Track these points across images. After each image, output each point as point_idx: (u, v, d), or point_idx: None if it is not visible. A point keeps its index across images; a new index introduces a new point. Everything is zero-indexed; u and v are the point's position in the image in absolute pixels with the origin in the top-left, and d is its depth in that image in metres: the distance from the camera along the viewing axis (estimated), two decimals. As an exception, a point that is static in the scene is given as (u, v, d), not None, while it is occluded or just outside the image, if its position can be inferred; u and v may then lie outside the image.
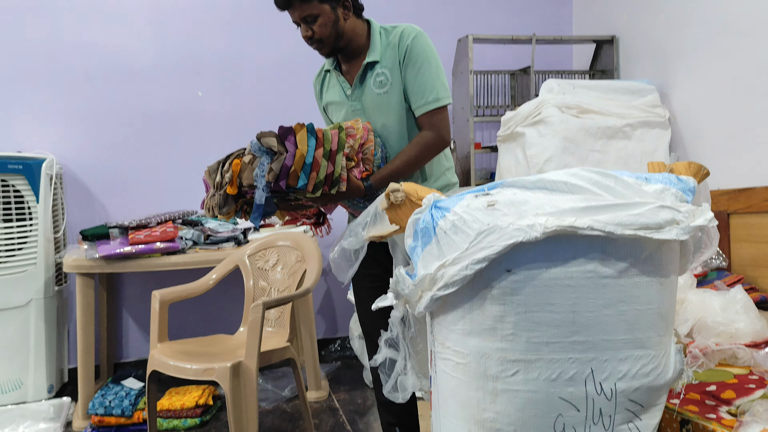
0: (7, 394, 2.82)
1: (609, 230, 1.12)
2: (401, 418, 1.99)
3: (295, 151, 1.57)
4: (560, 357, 1.15)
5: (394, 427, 2.01)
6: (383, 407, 2.01)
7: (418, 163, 1.77)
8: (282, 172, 1.57)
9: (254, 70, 3.39)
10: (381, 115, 1.80)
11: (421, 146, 1.76)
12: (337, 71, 1.88)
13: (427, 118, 1.77)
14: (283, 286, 2.57)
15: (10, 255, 2.78)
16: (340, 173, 1.63)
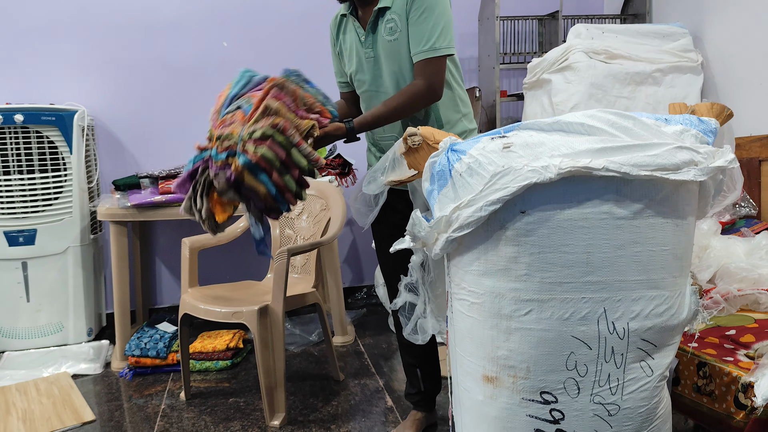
0: (50, 336, 2.97)
1: (624, 171, 1.12)
2: (422, 360, 2.05)
3: (257, 194, 1.47)
4: (573, 297, 1.17)
5: (414, 368, 2.07)
6: (404, 349, 2.07)
7: (403, 111, 1.72)
8: (264, 211, 1.53)
9: (278, 19, 3.38)
10: (393, 63, 1.79)
11: (408, 95, 1.71)
12: (353, 16, 1.86)
13: (420, 67, 1.72)
14: (308, 233, 2.62)
15: (47, 204, 2.88)
16: (307, 165, 1.50)
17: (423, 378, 2.06)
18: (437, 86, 1.73)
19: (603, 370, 1.20)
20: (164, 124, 3.29)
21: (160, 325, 2.92)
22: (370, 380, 2.55)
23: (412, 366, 2.07)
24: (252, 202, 1.49)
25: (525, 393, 1.22)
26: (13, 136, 2.80)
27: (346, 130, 1.68)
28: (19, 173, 2.83)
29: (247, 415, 2.29)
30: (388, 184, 1.39)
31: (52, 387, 2.58)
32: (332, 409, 2.31)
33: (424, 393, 2.08)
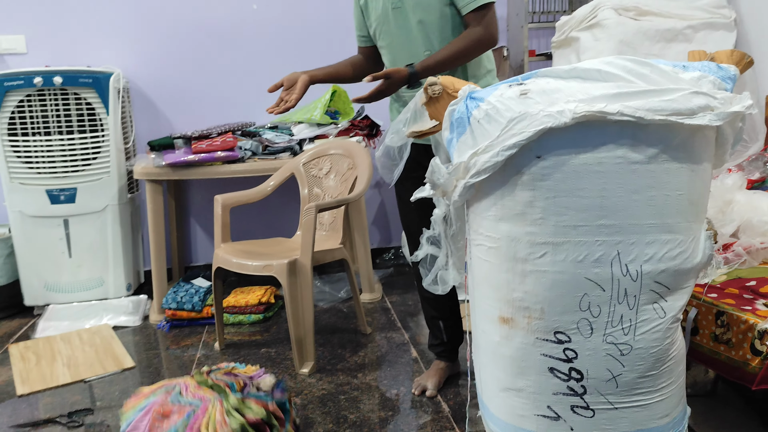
0: (91, 290, 3.11)
1: (639, 116, 1.14)
2: (444, 313, 2.11)
3: None
4: (587, 240, 1.21)
5: (437, 320, 2.13)
6: (427, 302, 2.12)
7: (465, 56, 1.79)
8: None
9: (307, -19, 3.40)
10: (420, 13, 1.81)
11: (469, 40, 1.77)
12: None
13: (474, 16, 1.77)
14: (336, 192, 2.68)
15: (86, 164, 2.99)
16: None
17: (445, 330, 2.12)
18: (495, 32, 1.80)
19: (616, 311, 1.24)
20: (196, 85, 3.37)
21: (195, 280, 3.03)
22: (396, 334, 2.63)
23: (434, 318, 2.13)
24: None
25: (539, 333, 1.27)
26: (53, 97, 2.90)
27: (408, 75, 1.74)
28: (59, 134, 2.94)
29: (278, 363, 2.39)
30: (410, 135, 1.43)
31: (94, 337, 2.72)
32: (359, 360, 2.39)
33: (447, 344, 2.14)
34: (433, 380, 2.11)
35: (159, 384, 1.90)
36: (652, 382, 1.28)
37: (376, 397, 2.10)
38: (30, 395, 2.23)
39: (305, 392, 2.15)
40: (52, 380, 2.33)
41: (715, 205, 1.95)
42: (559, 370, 1.28)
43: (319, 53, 3.45)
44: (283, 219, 3.54)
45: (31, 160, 2.94)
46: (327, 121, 3.12)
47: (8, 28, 3.16)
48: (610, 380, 1.26)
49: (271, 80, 3.35)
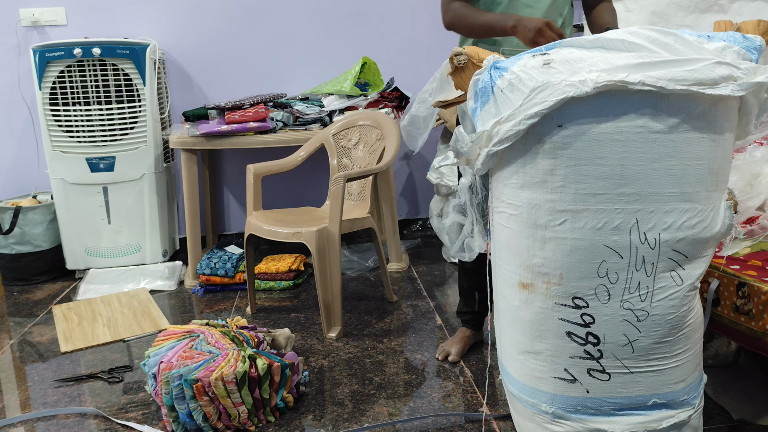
0: (129, 256, 3.23)
1: (660, 85, 1.15)
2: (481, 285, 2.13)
3: None
4: (606, 207, 1.24)
5: (473, 290, 2.15)
6: (466, 273, 2.14)
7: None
8: None
9: (339, -48, 3.41)
10: None
11: (615, 15, 1.95)
12: None
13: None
14: (364, 162, 2.73)
15: (124, 133, 3.09)
16: None
17: (479, 301, 2.16)
18: None
19: (633, 278, 1.27)
20: (229, 57, 3.43)
21: (228, 247, 3.13)
22: (422, 302, 2.69)
23: (470, 289, 2.15)
24: None
25: (558, 298, 1.31)
26: (92, 68, 2.99)
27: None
28: (98, 104, 3.03)
29: (306, 327, 2.48)
30: (436, 105, 1.46)
31: (132, 300, 2.84)
32: (385, 326, 2.46)
33: (476, 313, 2.18)
34: (458, 347, 2.17)
35: (188, 327, 2.03)
36: (668, 348, 1.31)
37: (401, 361, 2.16)
38: (73, 353, 2.36)
39: (332, 355, 2.22)
40: (93, 339, 2.46)
41: (743, 178, 1.94)
42: (576, 334, 1.32)
43: (350, 26, 3.49)
44: (312, 188, 3.61)
45: (71, 130, 3.05)
46: (357, 92, 3.16)
47: (49, 1, 3.25)
48: (626, 345, 1.30)
49: (303, 52, 3.45)
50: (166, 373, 1.77)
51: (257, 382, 1.77)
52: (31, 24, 3.24)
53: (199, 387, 1.72)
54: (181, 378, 1.74)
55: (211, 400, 1.74)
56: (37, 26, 3.26)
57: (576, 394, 1.35)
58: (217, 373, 1.73)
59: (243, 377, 1.74)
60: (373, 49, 3.47)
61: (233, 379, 1.72)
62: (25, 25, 3.25)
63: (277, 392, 1.83)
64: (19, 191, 3.41)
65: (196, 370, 1.75)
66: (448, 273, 3.05)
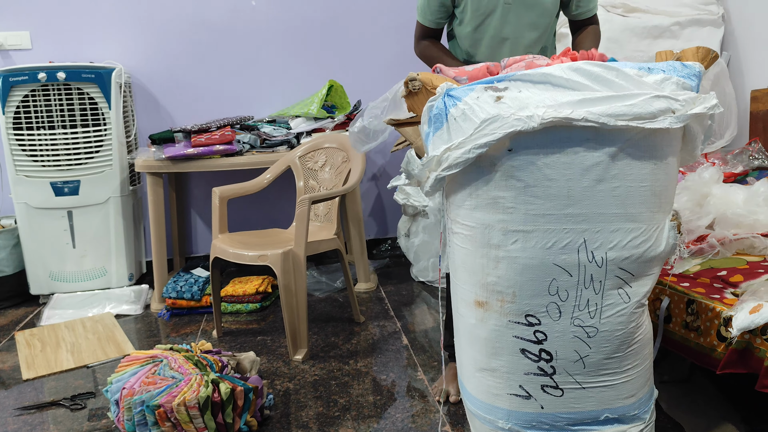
0: (94, 280, 3.20)
1: (602, 121, 1.21)
2: None
3: None
4: (555, 227, 1.28)
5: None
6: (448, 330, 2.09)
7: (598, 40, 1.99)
8: None
9: (305, -22, 3.47)
10: (531, 14, 1.91)
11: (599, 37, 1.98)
12: None
13: (595, 19, 2.01)
14: (330, 184, 2.76)
15: (89, 157, 3.08)
16: None
17: None
18: None
19: (582, 296, 1.31)
20: (196, 80, 3.45)
21: (194, 270, 3.12)
22: (389, 322, 2.71)
23: (450, 347, 2.10)
24: None
25: (511, 316, 1.35)
26: (56, 92, 2.99)
27: None
28: (63, 128, 3.02)
29: (273, 350, 2.48)
30: (387, 122, 1.51)
31: (96, 325, 2.81)
32: (351, 347, 2.48)
33: None
34: (455, 384, 2.03)
35: (151, 352, 2.02)
36: (617, 364, 1.35)
37: (366, 382, 2.18)
38: (35, 380, 2.33)
39: (298, 378, 2.23)
40: (56, 365, 2.43)
41: (693, 198, 2.02)
42: (530, 351, 1.35)
43: (316, 48, 3.54)
44: (279, 210, 3.63)
45: (35, 154, 3.03)
46: (324, 115, 3.20)
47: (13, 25, 3.25)
48: (577, 361, 1.34)
49: (270, 75, 3.48)
50: (128, 399, 1.76)
51: (220, 407, 1.77)
52: (-5, 48, 3.23)
53: (162, 413, 1.72)
54: (143, 404, 1.74)
55: (173, 425, 1.74)
56: (2, 50, 3.25)
57: (531, 410, 1.38)
58: (180, 398, 1.73)
59: (206, 402, 1.74)
60: (339, 72, 3.52)
61: (196, 404, 1.72)
62: (-12, 49, 3.24)
63: (240, 416, 1.83)
64: (-19, 216, 3.37)
65: (159, 396, 1.75)
66: (416, 292, 3.08)
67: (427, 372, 2.23)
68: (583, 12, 1.99)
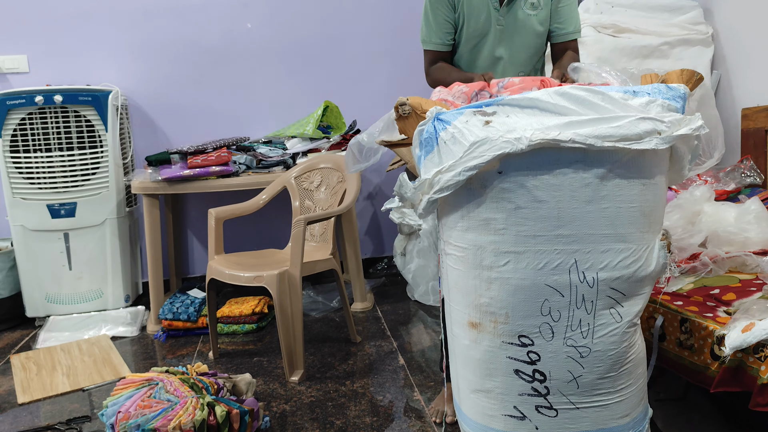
0: (90, 302, 3.20)
1: (589, 143, 1.23)
2: None
3: None
4: (546, 248, 1.30)
5: None
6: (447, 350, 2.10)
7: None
8: None
9: (300, 1, 3.51)
10: (522, 36, 1.96)
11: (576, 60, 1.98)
12: None
13: (574, 45, 2.03)
14: (326, 204, 2.77)
15: (85, 179, 3.09)
16: None
17: None
18: None
19: (575, 316, 1.32)
20: (193, 102, 3.48)
21: (191, 291, 3.12)
22: (385, 342, 2.71)
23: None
24: None
25: (505, 337, 1.36)
26: (53, 115, 3.01)
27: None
28: (59, 150, 3.04)
29: (269, 372, 2.47)
30: (379, 143, 1.53)
31: (92, 347, 2.81)
32: (348, 368, 2.47)
33: None
34: (451, 405, 2.03)
35: (147, 375, 2.02)
36: (611, 383, 1.36)
37: (363, 403, 2.17)
38: (30, 404, 2.32)
39: (294, 399, 2.23)
40: (52, 389, 2.42)
41: (684, 216, 2.04)
42: (523, 372, 1.36)
43: (311, 71, 3.58)
44: (276, 230, 3.64)
45: (32, 176, 3.04)
46: (319, 135, 3.22)
47: (11, 49, 3.28)
48: (571, 381, 1.35)
49: (266, 96, 3.51)
50: (124, 423, 1.76)
51: (216, 430, 1.77)
52: (-8, 72, 3.26)
53: None
54: (139, 428, 1.73)
55: (169, 448, 1.73)
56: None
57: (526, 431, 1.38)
58: (175, 421, 1.73)
59: (201, 425, 1.74)
60: (335, 93, 3.55)
61: (191, 428, 1.72)
62: (-14, 73, 3.27)
63: (236, 439, 1.83)
64: (-23, 239, 3.38)
65: (154, 420, 1.75)
66: (412, 311, 3.08)
67: (424, 392, 2.23)
68: (560, 30, 2.02)
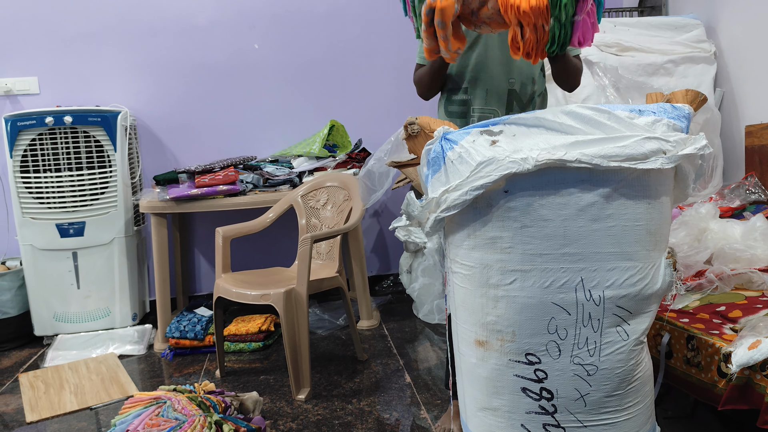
0: (98, 320, 3.21)
1: (595, 163, 1.25)
2: None
3: None
4: (552, 267, 1.31)
5: None
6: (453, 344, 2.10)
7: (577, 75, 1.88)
8: None
9: (305, 20, 3.56)
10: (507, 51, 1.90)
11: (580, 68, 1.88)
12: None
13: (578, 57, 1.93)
14: (332, 222, 2.79)
15: (94, 199, 3.12)
16: None
17: None
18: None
19: (581, 334, 1.33)
20: (200, 122, 3.52)
21: (197, 309, 3.13)
22: (392, 360, 2.71)
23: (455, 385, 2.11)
24: None
25: (511, 355, 1.36)
26: (63, 136, 3.05)
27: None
28: (69, 170, 3.07)
29: (276, 390, 2.48)
30: (389, 164, 1.54)
31: (100, 366, 2.82)
32: (354, 386, 2.47)
33: None
34: (458, 422, 2.04)
35: (155, 393, 2.02)
36: (618, 402, 1.36)
37: (369, 421, 2.17)
38: (39, 422, 2.32)
39: (301, 417, 2.23)
40: (59, 407, 2.43)
41: (691, 233, 2.05)
42: (530, 390, 1.36)
43: (317, 90, 3.62)
44: (282, 248, 3.66)
45: (42, 196, 3.07)
46: (325, 154, 3.25)
47: (22, 71, 3.33)
48: (578, 399, 1.35)
49: (272, 116, 3.55)
50: (132, 441, 1.76)
51: None
52: (3, 93, 3.30)
53: None
54: (147, 446, 1.74)
55: (176, 467, 1.74)
56: (10, 95, 3.32)
57: (533, 450, 1.38)
58: (183, 439, 1.73)
59: None
60: (340, 112, 3.59)
61: None
62: (-3, 94, 3.32)
63: (244, 457, 1.83)
64: (-13, 258, 3.40)
65: (162, 437, 1.75)
66: (418, 329, 3.08)
67: (431, 410, 2.23)
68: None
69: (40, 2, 3.30)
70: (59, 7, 3.32)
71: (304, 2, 3.55)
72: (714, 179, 1.54)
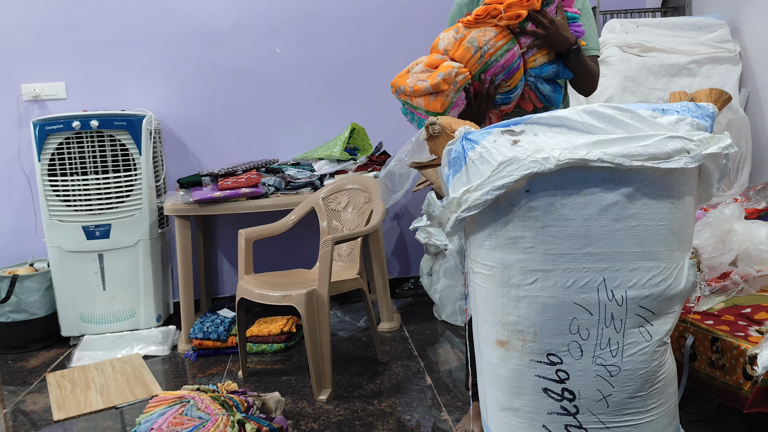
0: (123, 321, 3.26)
1: (618, 162, 1.24)
2: None
3: None
4: (574, 267, 1.30)
5: None
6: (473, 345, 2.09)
7: (593, 77, 1.92)
8: None
9: (326, 24, 3.58)
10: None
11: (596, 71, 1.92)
12: None
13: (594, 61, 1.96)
14: (353, 224, 2.81)
15: (120, 201, 3.17)
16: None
17: None
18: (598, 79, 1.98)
19: (603, 334, 1.32)
20: (223, 125, 3.56)
21: (220, 311, 3.16)
22: (413, 362, 2.71)
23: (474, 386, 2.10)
24: None
25: (533, 355, 1.36)
26: (89, 140, 3.10)
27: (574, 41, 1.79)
28: (95, 174, 3.13)
29: (297, 391, 2.49)
30: (410, 165, 1.55)
31: (125, 366, 2.86)
32: (375, 387, 2.48)
33: None
34: (479, 424, 2.04)
35: (179, 393, 2.05)
36: (641, 403, 1.35)
37: (390, 422, 2.18)
38: (65, 421, 2.37)
39: (322, 418, 2.24)
40: (86, 407, 2.47)
41: (715, 235, 2.02)
42: (552, 390, 1.36)
43: (338, 94, 3.64)
44: (303, 251, 3.68)
45: (69, 199, 3.13)
46: (346, 157, 3.27)
47: (50, 76, 3.40)
48: (600, 400, 1.34)
49: (294, 119, 3.58)
50: (156, 439, 1.79)
51: None
52: (32, 98, 3.38)
53: None
54: (171, 444, 1.76)
55: (200, 465, 1.76)
56: (38, 100, 3.40)
57: (555, 451, 1.38)
58: (207, 437, 1.75)
59: None
60: (361, 115, 3.60)
61: None
62: (26, 100, 3.39)
63: (266, 456, 1.85)
64: (16, 260, 3.47)
65: (186, 436, 1.77)
66: (439, 331, 3.08)
67: (452, 412, 2.23)
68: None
69: (67, 10, 3.37)
70: (86, 15, 3.39)
71: (325, 7, 3.57)
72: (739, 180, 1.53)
